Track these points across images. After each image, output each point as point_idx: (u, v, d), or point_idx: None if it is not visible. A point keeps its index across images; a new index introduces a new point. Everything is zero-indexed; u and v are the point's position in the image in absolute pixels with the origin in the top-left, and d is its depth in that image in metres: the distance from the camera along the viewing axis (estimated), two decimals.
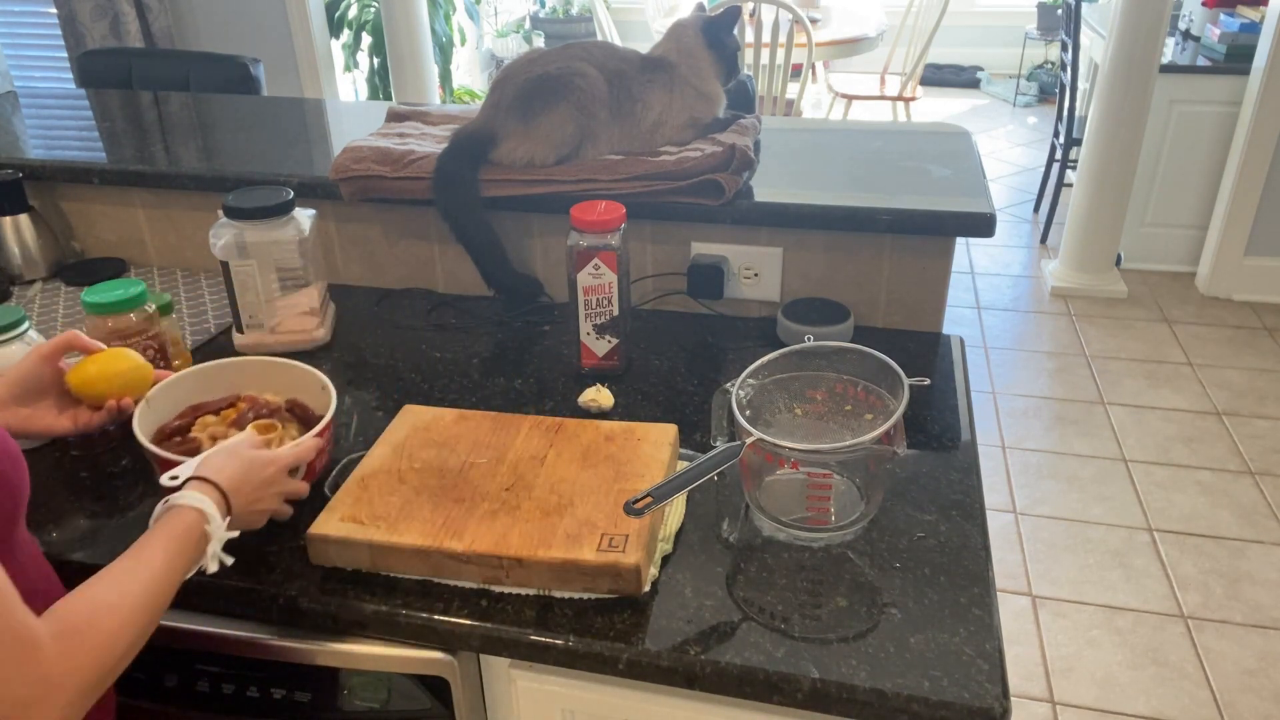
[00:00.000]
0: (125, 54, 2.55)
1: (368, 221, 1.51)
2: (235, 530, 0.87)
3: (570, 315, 1.23)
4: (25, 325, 1.11)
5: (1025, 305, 3.61)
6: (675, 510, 0.97)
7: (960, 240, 1.37)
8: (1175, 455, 2.75)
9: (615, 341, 1.24)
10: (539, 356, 1.31)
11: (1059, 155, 4.07)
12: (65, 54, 3.85)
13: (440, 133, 1.52)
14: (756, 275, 1.39)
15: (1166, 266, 3.79)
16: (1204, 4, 3.71)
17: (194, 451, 0.94)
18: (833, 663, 0.81)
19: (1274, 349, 3.26)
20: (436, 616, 0.87)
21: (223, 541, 0.84)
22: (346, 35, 4.47)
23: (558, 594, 0.88)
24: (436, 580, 0.90)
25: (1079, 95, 3.86)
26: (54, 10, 3.76)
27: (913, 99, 4.35)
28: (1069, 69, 3.78)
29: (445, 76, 4.74)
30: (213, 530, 0.82)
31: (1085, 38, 4.06)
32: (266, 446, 0.97)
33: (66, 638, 0.66)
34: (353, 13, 4.47)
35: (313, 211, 1.32)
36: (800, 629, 0.85)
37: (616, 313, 1.21)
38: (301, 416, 1.05)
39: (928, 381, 0.97)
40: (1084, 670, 2.06)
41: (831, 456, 0.95)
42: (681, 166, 1.32)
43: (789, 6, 3.50)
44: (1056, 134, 4.09)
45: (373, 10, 4.42)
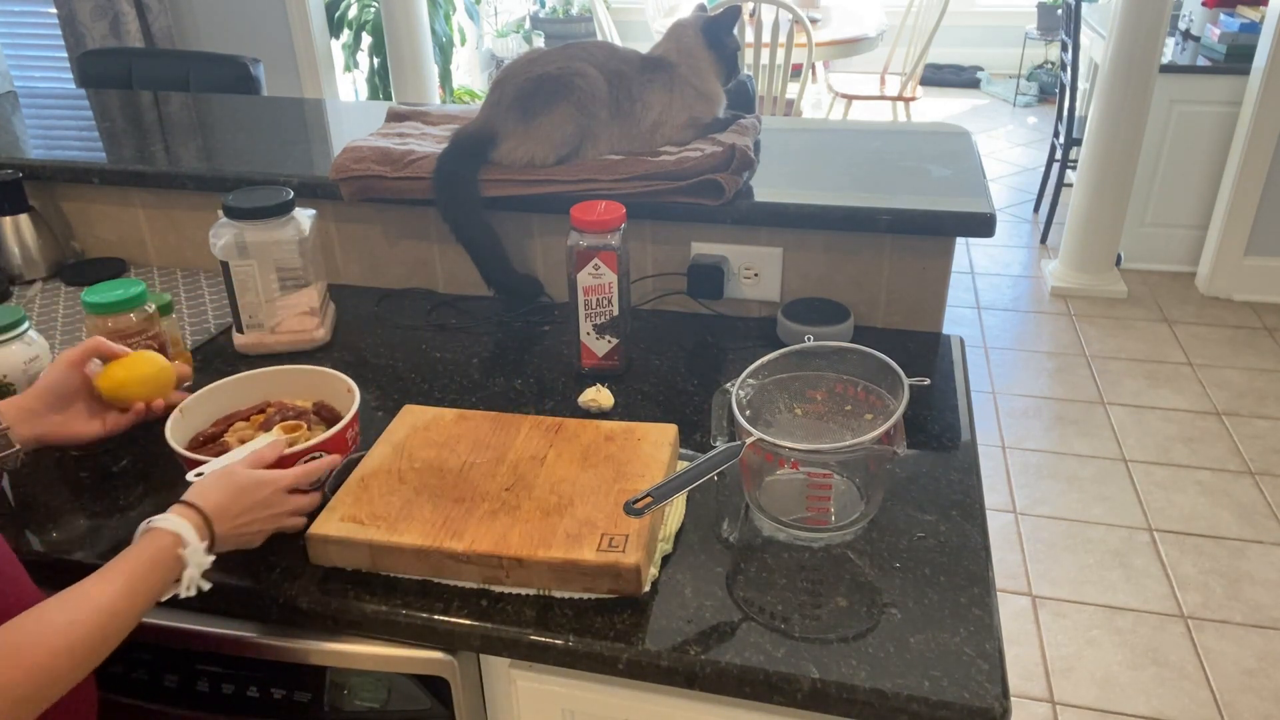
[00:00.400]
0: (125, 54, 2.55)
1: (368, 221, 1.51)
2: (223, 550, 0.85)
3: (570, 315, 1.23)
4: (25, 325, 1.11)
5: (1025, 305, 3.61)
6: (675, 510, 0.97)
7: (960, 240, 1.37)
8: (1175, 455, 2.75)
9: (615, 341, 1.24)
10: (539, 356, 1.31)
11: (1059, 155, 4.07)
12: (65, 54, 3.85)
13: (440, 133, 1.52)
14: (756, 275, 1.39)
15: (1166, 266, 3.79)
16: (1204, 4, 3.71)
17: (223, 453, 0.96)
18: (833, 663, 0.81)
19: (1274, 349, 3.26)
20: (436, 616, 0.87)
21: (202, 567, 0.82)
22: (346, 35, 4.47)
23: (558, 594, 0.88)
24: (436, 580, 0.90)
25: (1079, 95, 3.86)
26: (54, 10, 3.76)
27: (913, 99, 4.36)
28: (1069, 69, 3.78)
29: (445, 76, 4.74)
30: (189, 555, 0.80)
31: (1085, 38, 4.06)
32: (291, 446, 0.98)
33: (3, 654, 0.66)
34: (353, 13, 4.47)
35: (313, 211, 1.32)
36: (800, 629, 0.85)
37: (616, 313, 1.21)
38: (327, 417, 1.08)
39: (928, 381, 0.97)
40: (1084, 670, 2.06)
41: (831, 456, 0.95)
42: (681, 166, 1.32)
43: (789, 6, 3.50)
44: (1056, 134, 4.09)
45: (373, 10, 4.42)
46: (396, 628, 0.88)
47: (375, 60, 4.55)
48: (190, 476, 0.92)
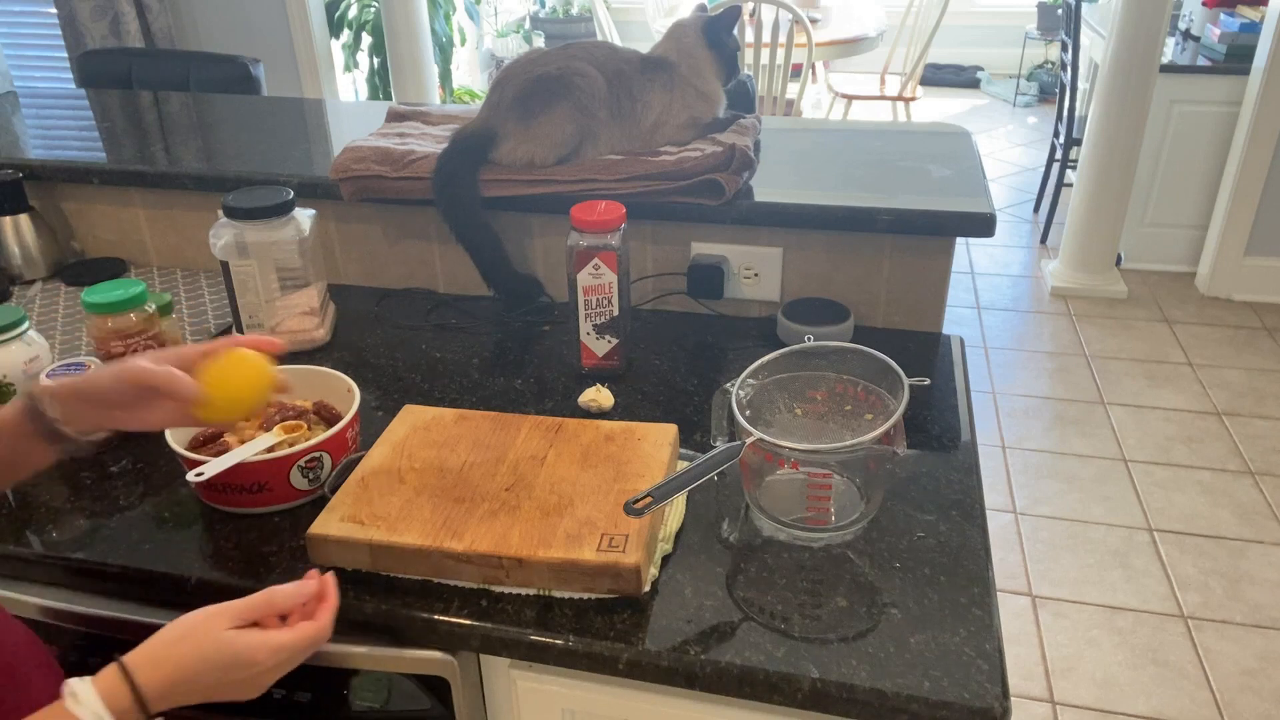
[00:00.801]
0: (125, 54, 2.55)
1: (368, 221, 1.51)
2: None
3: (570, 315, 1.23)
4: (25, 325, 1.12)
5: (1025, 305, 3.61)
6: (675, 510, 0.97)
7: (960, 240, 1.37)
8: (1175, 455, 2.75)
9: (615, 341, 1.24)
10: (539, 356, 1.31)
11: (1059, 155, 4.07)
12: (65, 54, 3.85)
13: (440, 133, 1.52)
14: (756, 275, 1.39)
15: (1166, 266, 3.79)
16: (1204, 4, 3.71)
17: (223, 453, 0.96)
18: (833, 663, 0.81)
19: (1274, 349, 3.26)
20: (436, 616, 0.87)
21: None
22: (346, 35, 4.47)
23: (558, 594, 0.88)
24: (436, 580, 0.90)
25: (1079, 95, 3.86)
26: (54, 10, 3.76)
27: (913, 99, 4.36)
28: (1069, 69, 3.78)
29: (445, 76, 4.74)
30: None
31: (1085, 38, 4.06)
32: (290, 446, 0.98)
33: None
34: (353, 13, 4.47)
35: (313, 211, 1.32)
36: (800, 629, 0.85)
37: (616, 313, 1.21)
38: (327, 417, 1.08)
39: (928, 381, 0.97)
40: (1084, 670, 2.06)
41: (831, 456, 0.95)
42: (681, 166, 1.32)
43: (789, 6, 3.50)
44: (1056, 134, 4.10)
45: (373, 10, 4.42)
46: (396, 628, 0.88)
47: (375, 60, 4.55)
48: (190, 477, 0.92)
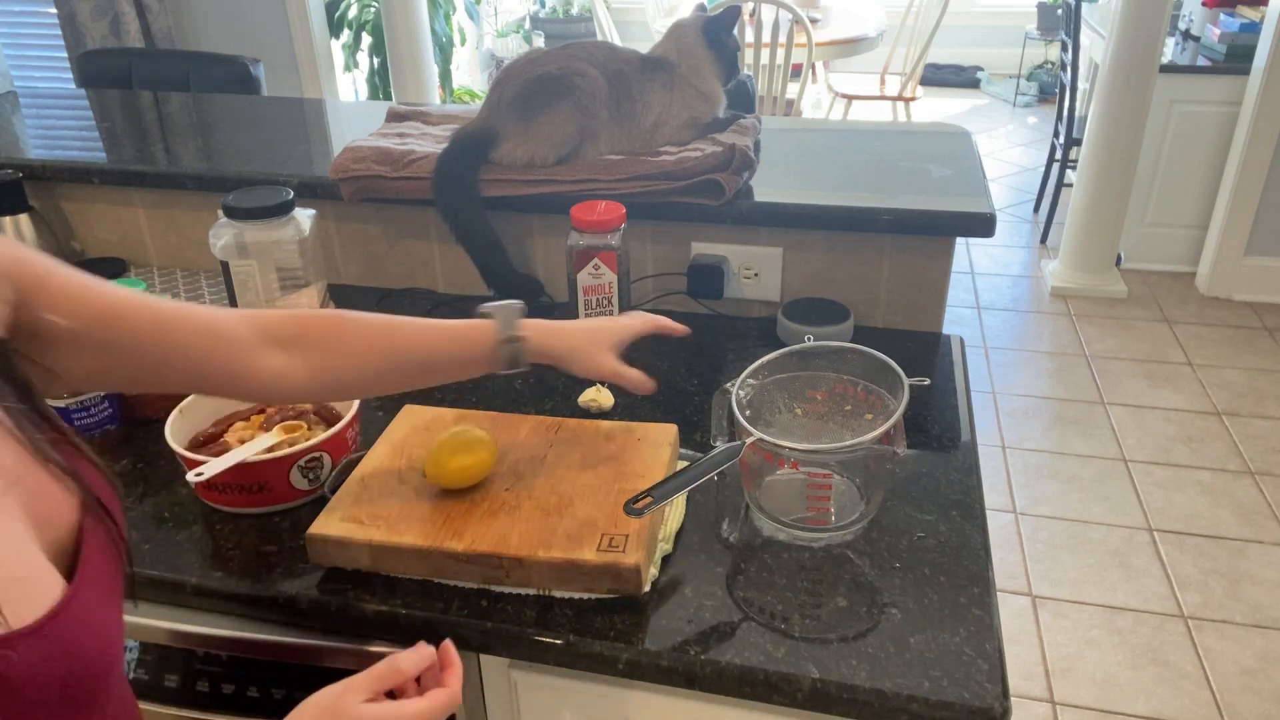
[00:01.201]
0: (125, 54, 2.55)
1: (368, 221, 1.51)
2: None
3: (570, 315, 1.23)
4: None
5: (1025, 305, 3.61)
6: (675, 510, 0.97)
7: (960, 240, 1.37)
8: (1175, 455, 2.75)
9: None
10: None
11: (1059, 155, 4.07)
12: (65, 54, 3.85)
13: (440, 133, 1.52)
14: (756, 275, 1.39)
15: (1166, 266, 3.79)
16: (1204, 4, 3.71)
17: (223, 453, 0.97)
18: (833, 663, 0.81)
19: (1274, 349, 3.26)
20: (436, 616, 0.87)
21: None
22: (346, 35, 4.47)
23: (558, 594, 0.88)
24: (436, 580, 0.90)
25: (1079, 95, 3.86)
26: (54, 10, 3.76)
27: (913, 99, 4.36)
28: (1069, 69, 3.78)
29: (445, 76, 4.74)
30: None
31: (1085, 38, 4.06)
32: (290, 446, 0.98)
33: None
34: (353, 13, 4.47)
35: (313, 211, 1.32)
36: (800, 629, 0.85)
37: (616, 313, 1.21)
38: (327, 417, 1.08)
39: (928, 381, 0.97)
40: (1084, 670, 2.06)
41: (831, 456, 0.95)
42: (681, 166, 1.32)
43: (789, 6, 3.51)
44: (1056, 134, 4.10)
45: (373, 10, 4.42)
46: (396, 628, 0.88)
47: (375, 60, 4.55)
48: (190, 477, 0.92)
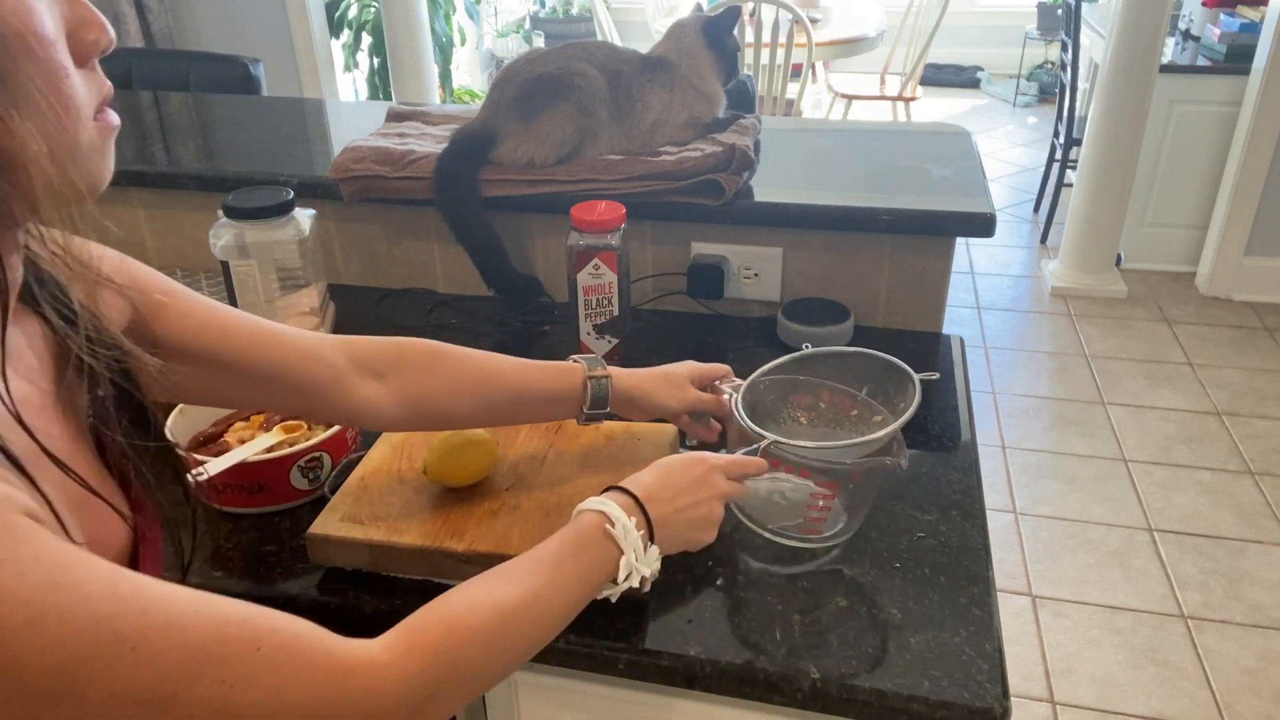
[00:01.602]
0: (125, 54, 2.55)
1: (368, 221, 1.51)
2: (668, 547, 0.78)
3: (570, 315, 1.23)
4: None
5: (1025, 305, 3.61)
6: None
7: (960, 240, 1.37)
8: (1175, 455, 2.75)
9: (615, 341, 1.23)
10: (539, 356, 1.31)
11: (1059, 155, 4.07)
12: None
13: (440, 133, 1.52)
14: (756, 275, 1.39)
15: (1166, 266, 3.79)
16: (1204, 4, 3.71)
17: (223, 453, 0.97)
18: (833, 663, 0.81)
19: (1274, 349, 3.26)
20: None
21: (641, 555, 0.74)
22: (346, 35, 4.47)
23: None
24: (436, 580, 0.90)
25: (1079, 95, 3.86)
26: None
27: (913, 99, 4.36)
28: (1069, 69, 3.78)
29: (445, 76, 4.74)
30: (619, 534, 0.73)
31: (1085, 38, 4.06)
32: (290, 446, 0.98)
33: (407, 649, 0.59)
34: (353, 13, 4.47)
35: (313, 211, 1.32)
36: (800, 629, 0.85)
37: (616, 313, 1.21)
38: None
39: (937, 376, 0.96)
40: (1084, 670, 2.06)
41: (837, 463, 0.93)
42: (681, 166, 1.32)
43: (789, 6, 3.51)
44: (1056, 134, 4.09)
45: (373, 10, 4.42)
46: None
47: (375, 60, 4.55)
48: (190, 476, 0.92)
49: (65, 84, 0.52)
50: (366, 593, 0.89)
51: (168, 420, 1.01)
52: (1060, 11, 5.31)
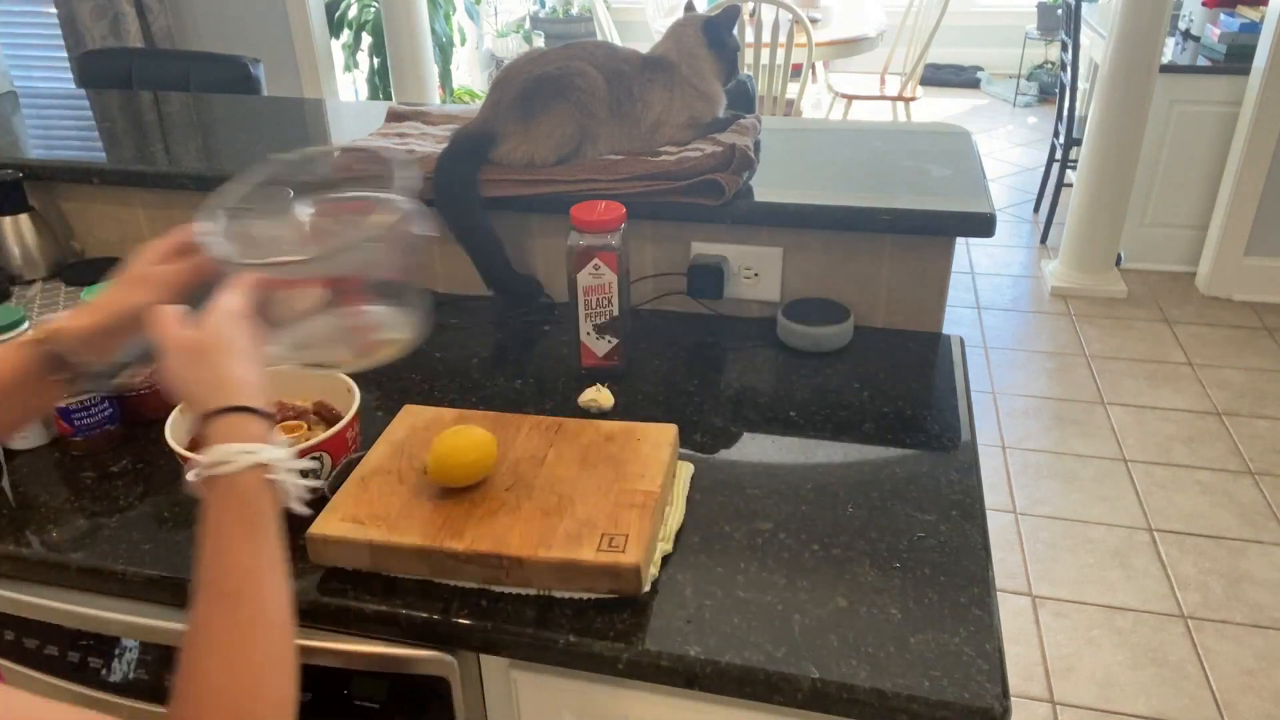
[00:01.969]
0: (125, 54, 2.55)
1: None
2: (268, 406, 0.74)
3: (570, 315, 1.23)
4: (25, 325, 1.11)
5: (1025, 305, 3.61)
6: (675, 510, 0.97)
7: (960, 240, 1.37)
8: (1175, 455, 2.75)
9: (615, 341, 1.24)
10: (539, 356, 1.31)
11: (1059, 155, 4.07)
12: (65, 54, 3.85)
13: (440, 133, 1.52)
14: (756, 275, 1.39)
15: (1166, 266, 3.79)
16: (1204, 4, 3.71)
17: None
18: (833, 663, 0.81)
19: (1274, 349, 3.26)
20: (436, 616, 0.87)
21: (270, 453, 0.70)
22: (346, 35, 4.48)
23: (558, 594, 0.88)
24: (436, 580, 0.90)
25: (1079, 95, 3.86)
26: (54, 10, 3.76)
27: (913, 99, 4.36)
28: (1069, 69, 3.78)
29: (445, 76, 4.74)
30: (231, 469, 0.69)
31: (1085, 38, 4.06)
32: (291, 445, 0.97)
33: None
34: (353, 13, 4.47)
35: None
36: (800, 629, 0.85)
37: (616, 313, 1.21)
38: (327, 417, 1.08)
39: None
40: (1084, 670, 2.06)
41: (337, 260, 0.81)
42: (681, 166, 1.32)
43: (789, 6, 3.51)
44: (1056, 134, 4.10)
45: (373, 10, 4.42)
46: (396, 628, 0.88)
47: (375, 60, 4.55)
48: (190, 476, 0.92)
49: None
50: (366, 593, 0.89)
51: (168, 420, 1.01)
52: (1060, 11, 5.31)
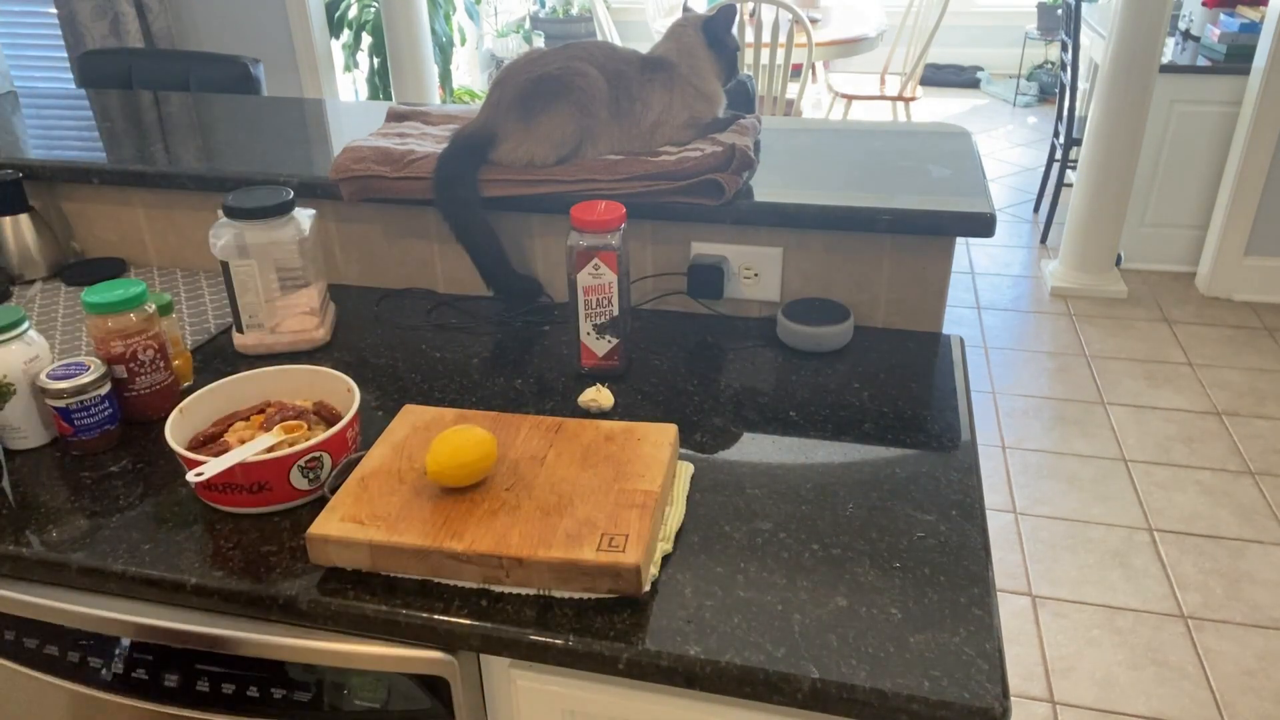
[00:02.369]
0: (125, 54, 2.55)
1: (368, 221, 1.51)
2: None
3: (570, 315, 1.23)
4: (25, 325, 1.11)
5: (1025, 305, 3.61)
6: (675, 510, 0.97)
7: (960, 240, 1.37)
8: (1175, 455, 2.75)
9: (615, 341, 1.24)
10: (539, 356, 1.31)
11: (1059, 155, 4.07)
12: (65, 54, 3.85)
13: (440, 133, 1.52)
14: (756, 275, 1.39)
15: (1166, 266, 3.79)
16: (1204, 4, 3.71)
17: (223, 453, 0.97)
18: (833, 663, 0.81)
19: (1274, 349, 3.26)
20: (436, 616, 0.87)
21: None
22: (346, 35, 4.48)
23: (558, 594, 0.88)
24: (436, 580, 0.90)
25: (1079, 95, 3.86)
26: (54, 10, 3.77)
27: (913, 99, 4.36)
28: (1069, 69, 3.78)
29: (445, 76, 4.74)
30: None
31: (1085, 38, 4.06)
32: (290, 446, 0.99)
33: None
34: (353, 13, 4.47)
35: (313, 211, 1.32)
36: (800, 629, 0.85)
37: (616, 313, 1.21)
38: (327, 417, 1.08)
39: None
40: (1084, 670, 2.06)
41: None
42: (681, 166, 1.32)
43: (789, 6, 3.51)
44: (1056, 134, 4.10)
45: (373, 10, 4.42)
46: (396, 628, 0.88)
47: (375, 60, 4.55)
48: (190, 477, 0.93)
49: None
50: (366, 593, 0.89)
51: (168, 420, 1.01)
52: (1060, 11, 5.31)
